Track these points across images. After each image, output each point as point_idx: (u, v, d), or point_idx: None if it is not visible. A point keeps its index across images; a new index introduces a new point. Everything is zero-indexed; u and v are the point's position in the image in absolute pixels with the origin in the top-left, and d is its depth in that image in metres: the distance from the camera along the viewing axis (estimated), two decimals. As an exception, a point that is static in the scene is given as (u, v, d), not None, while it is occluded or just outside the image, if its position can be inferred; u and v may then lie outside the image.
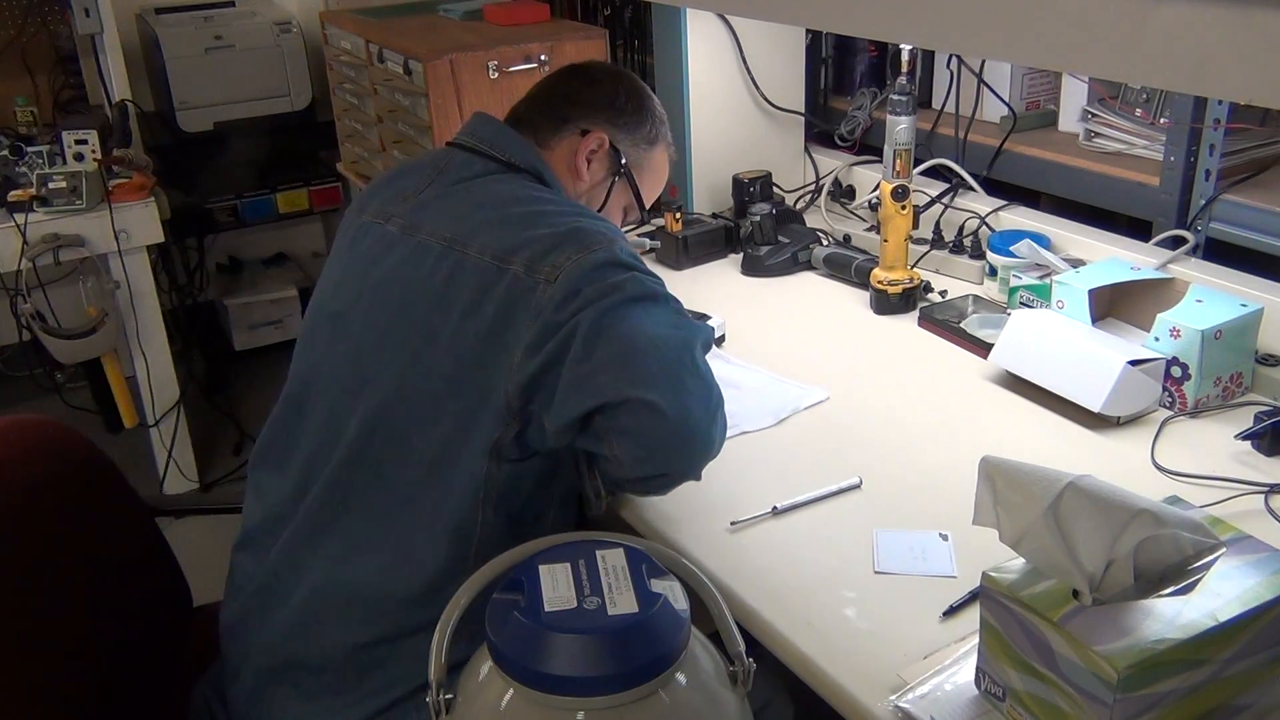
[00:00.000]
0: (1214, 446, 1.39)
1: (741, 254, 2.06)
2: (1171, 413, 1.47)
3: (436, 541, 1.22)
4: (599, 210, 1.45)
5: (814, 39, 2.35)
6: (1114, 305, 1.65)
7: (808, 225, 2.13)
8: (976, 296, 1.84)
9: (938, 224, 2.02)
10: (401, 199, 1.37)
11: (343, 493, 1.27)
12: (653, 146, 1.51)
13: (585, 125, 1.44)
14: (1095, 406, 1.44)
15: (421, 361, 1.24)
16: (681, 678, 0.96)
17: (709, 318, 1.76)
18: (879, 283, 1.84)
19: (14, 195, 2.54)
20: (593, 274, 1.19)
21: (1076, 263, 1.75)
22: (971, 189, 2.05)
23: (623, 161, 1.46)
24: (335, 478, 1.27)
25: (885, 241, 1.82)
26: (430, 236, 1.30)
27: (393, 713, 1.23)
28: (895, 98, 1.73)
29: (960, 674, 1.03)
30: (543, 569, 1.01)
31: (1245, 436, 1.36)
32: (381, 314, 1.29)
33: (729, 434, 1.46)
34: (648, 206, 1.55)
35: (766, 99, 2.26)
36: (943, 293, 1.88)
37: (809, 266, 2.04)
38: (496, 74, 2.20)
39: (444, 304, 1.24)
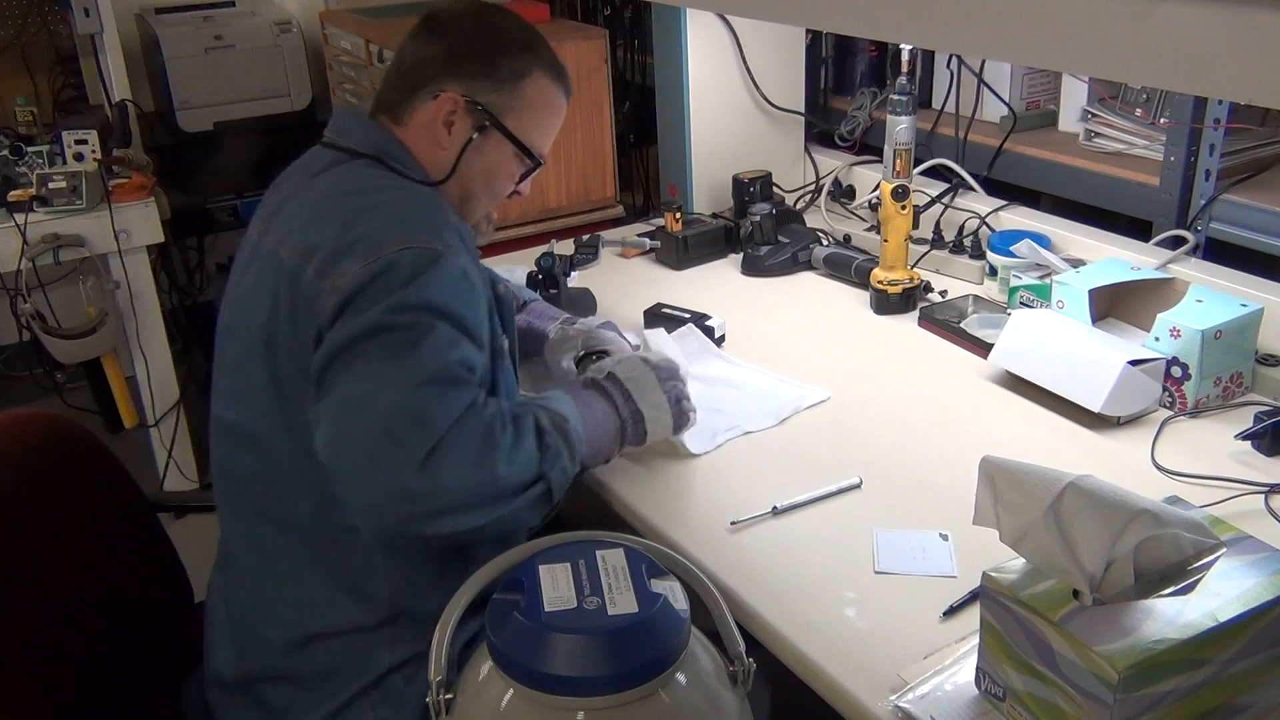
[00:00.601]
0: (1214, 446, 1.39)
1: (741, 254, 2.06)
2: (1171, 413, 1.47)
3: (328, 574, 1.23)
4: (475, 177, 1.35)
5: (814, 39, 2.35)
6: (1114, 305, 1.65)
7: (808, 225, 2.13)
8: (976, 296, 1.84)
9: (938, 224, 2.02)
10: (265, 207, 1.34)
11: (238, 521, 1.30)
12: (521, 81, 1.33)
13: (434, 88, 1.31)
14: (1095, 406, 1.44)
15: (276, 381, 1.22)
16: (681, 678, 0.96)
17: (709, 318, 1.76)
18: (879, 283, 1.84)
19: (14, 195, 2.53)
20: (358, 300, 1.14)
21: (1076, 263, 1.75)
22: (971, 189, 2.05)
23: (486, 115, 1.32)
24: (228, 508, 1.31)
25: (885, 241, 1.82)
26: (270, 243, 1.27)
27: (347, 713, 1.24)
28: (895, 98, 1.73)
29: (960, 674, 1.03)
30: (543, 569, 1.01)
31: (1245, 436, 1.36)
32: (240, 328, 1.27)
33: (729, 435, 1.47)
34: (540, 150, 1.39)
35: (766, 99, 2.26)
36: (943, 293, 1.88)
37: (809, 266, 2.03)
38: (496, 74, 2.20)
39: (274, 313, 1.21)
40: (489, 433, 1.14)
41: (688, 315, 1.77)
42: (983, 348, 1.65)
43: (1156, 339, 1.47)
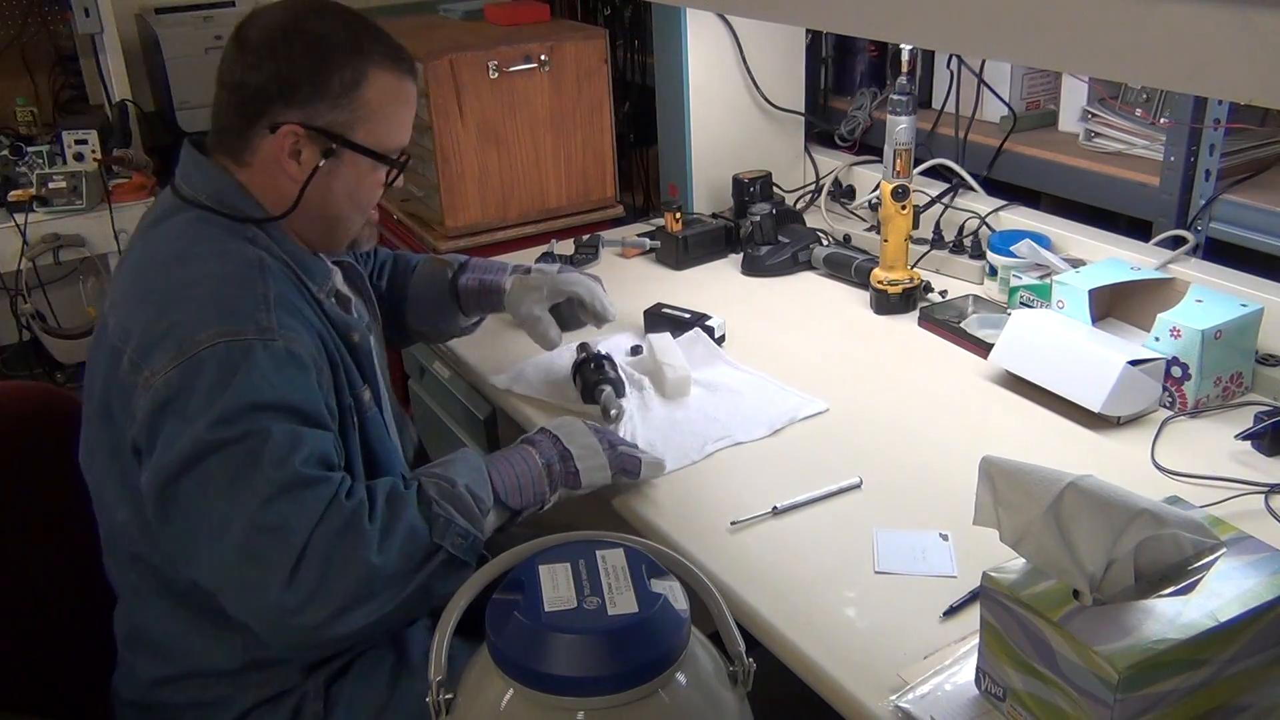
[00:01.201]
0: (1214, 446, 1.39)
1: (741, 254, 2.06)
2: (1171, 413, 1.47)
3: (190, 618, 1.22)
4: (338, 199, 1.26)
5: (814, 39, 2.35)
6: (1114, 305, 1.65)
7: (808, 225, 2.13)
8: (976, 296, 1.84)
9: (938, 224, 2.02)
10: (126, 248, 1.31)
11: (114, 559, 1.30)
12: (357, 89, 1.22)
13: (269, 120, 1.21)
14: (1095, 406, 1.43)
15: (114, 451, 1.19)
16: (681, 678, 0.96)
17: (709, 318, 1.76)
18: (879, 283, 1.84)
19: (14, 195, 2.54)
20: (174, 408, 1.10)
21: (1076, 263, 1.75)
22: (971, 189, 2.05)
23: (331, 137, 1.22)
24: (106, 545, 1.30)
25: (885, 241, 1.82)
26: (107, 304, 1.23)
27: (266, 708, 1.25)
28: (895, 98, 1.73)
29: (960, 674, 1.03)
30: (543, 569, 1.01)
31: (1245, 436, 1.36)
32: (89, 385, 1.23)
33: (719, 445, 1.46)
34: (400, 145, 1.29)
35: (766, 99, 2.26)
36: (943, 293, 1.88)
37: (809, 266, 2.03)
38: (496, 74, 2.20)
39: (107, 386, 1.18)
40: (352, 526, 1.11)
41: (688, 315, 1.77)
42: (983, 348, 1.65)
43: (1156, 339, 1.47)
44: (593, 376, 1.54)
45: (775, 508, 1.31)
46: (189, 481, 1.10)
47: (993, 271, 1.87)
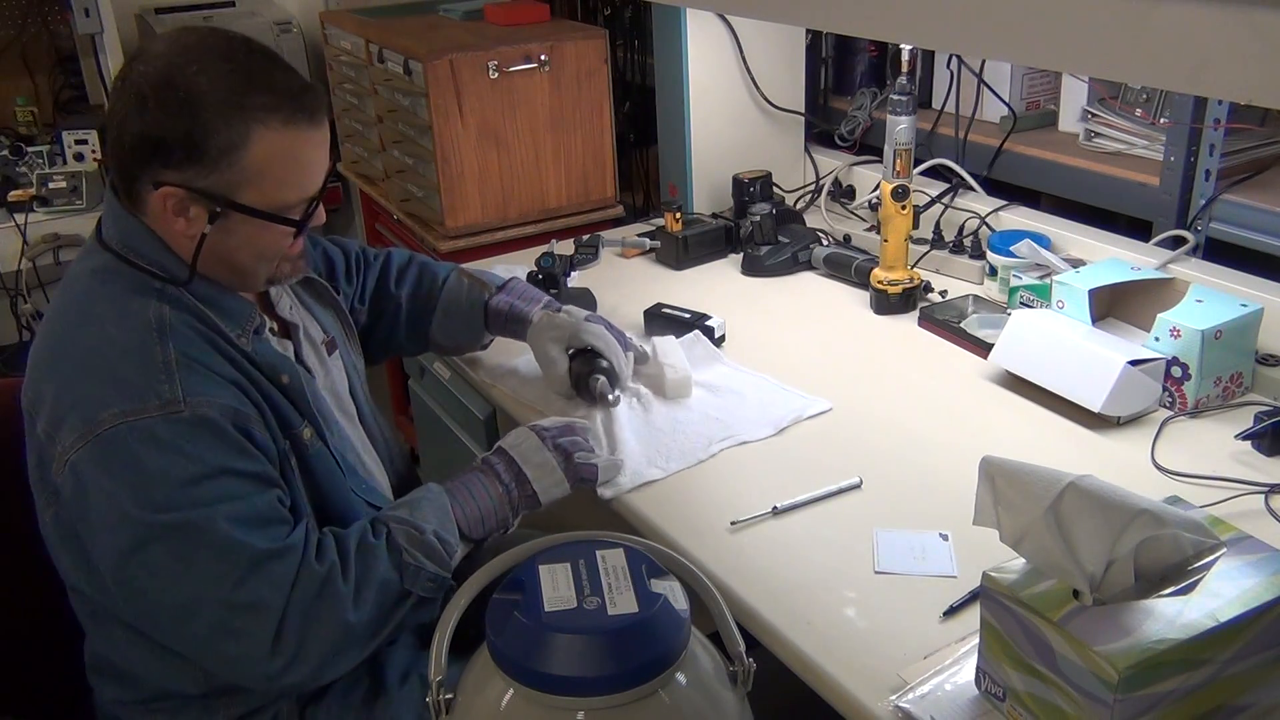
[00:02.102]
0: (1214, 446, 1.39)
1: (741, 254, 2.06)
2: (1171, 413, 1.47)
3: (152, 645, 1.21)
4: (238, 253, 1.18)
5: (814, 39, 2.35)
6: (1114, 305, 1.65)
7: (808, 225, 2.13)
8: (976, 296, 1.84)
9: (938, 224, 2.02)
10: None
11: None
12: (238, 153, 1.11)
13: (150, 178, 1.13)
14: (1095, 406, 1.44)
15: (46, 485, 1.18)
16: (681, 678, 0.96)
17: (709, 318, 1.76)
18: (879, 283, 1.84)
19: (14, 195, 2.54)
20: (97, 493, 1.09)
21: (1076, 263, 1.75)
22: (971, 189, 2.05)
23: (215, 200, 1.13)
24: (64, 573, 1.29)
25: (885, 241, 1.82)
26: (32, 353, 1.20)
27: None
28: (895, 98, 1.73)
29: (960, 674, 1.03)
30: (543, 569, 1.01)
31: (1245, 436, 1.36)
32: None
33: (724, 445, 1.46)
34: (302, 197, 1.18)
35: (766, 99, 2.26)
36: (943, 293, 1.88)
37: (809, 266, 2.03)
38: (496, 74, 2.20)
39: (31, 428, 1.17)
40: (327, 589, 1.12)
41: (688, 315, 1.77)
42: (983, 348, 1.65)
43: (1156, 339, 1.47)
44: (584, 368, 1.53)
45: (775, 508, 1.31)
46: (137, 567, 1.09)
47: (993, 271, 1.87)
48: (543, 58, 2.25)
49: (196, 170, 1.12)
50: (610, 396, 1.50)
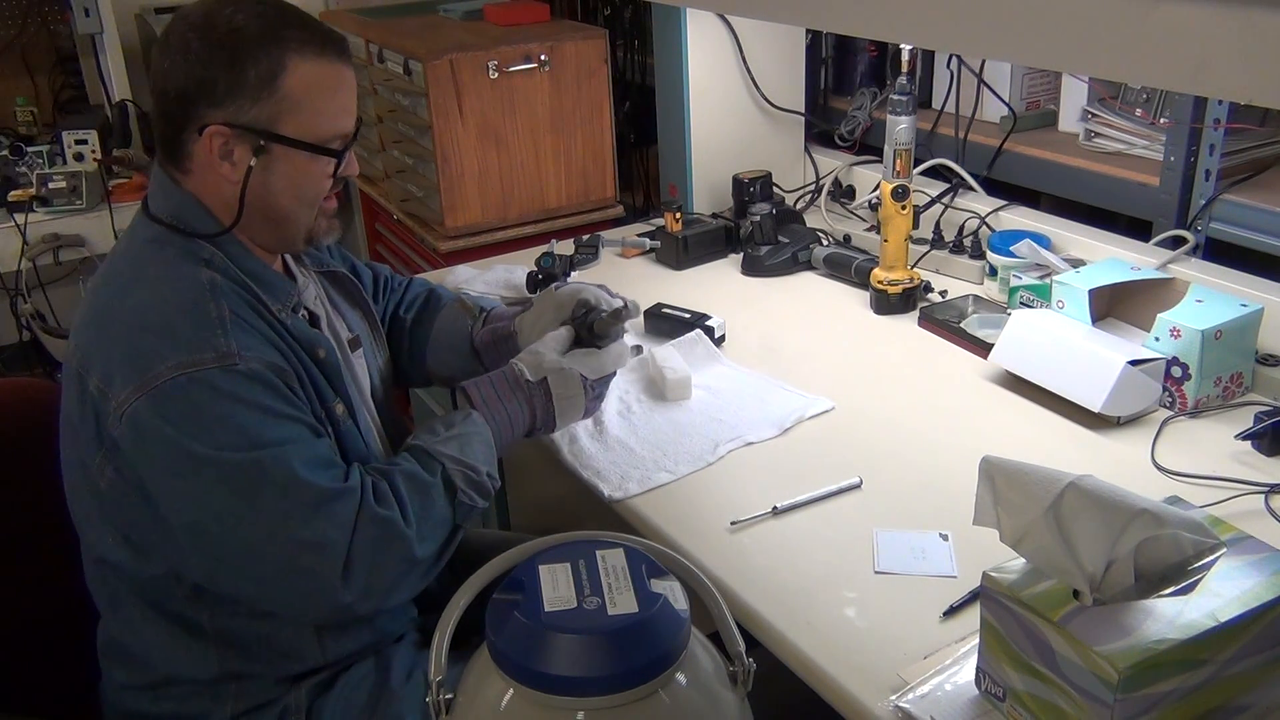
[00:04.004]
0: (1214, 446, 1.39)
1: (741, 254, 2.06)
2: (1171, 413, 1.47)
3: (167, 625, 1.24)
4: (280, 196, 1.23)
5: (814, 39, 2.35)
6: (1114, 305, 1.65)
7: (808, 225, 2.13)
8: (976, 296, 1.84)
9: (938, 224, 2.02)
10: None
11: (90, 565, 1.30)
12: (278, 80, 1.17)
13: (196, 123, 1.18)
14: (1095, 406, 1.44)
15: (83, 465, 1.20)
16: (681, 678, 0.96)
17: (709, 318, 1.76)
18: (879, 283, 1.84)
19: (14, 195, 2.54)
20: (146, 424, 1.10)
21: (1076, 263, 1.75)
22: (971, 189, 2.05)
23: (258, 134, 1.18)
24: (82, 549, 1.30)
25: (885, 241, 1.82)
26: (77, 317, 1.23)
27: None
28: (895, 98, 1.73)
29: (960, 674, 1.03)
30: (543, 569, 1.01)
31: (1245, 436, 1.36)
32: (64, 389, 1.23)
33: (731, 446, 1.45)
34: (339, 133, 1.24)
35: (766, 99, 2.26)
36: (943, 293, 1.88)
37: (809, 266, 2.03)
38: (496, 74, 2.20)
39: (70, 400, 1.19)
40: (390, 530, 1.16)
41: (688, 315, 1.77)
42: (983, 348, 1.65)
43: (1156, 339, 1.47)
44: (583, 324, 1.44)
45: (775, 508, 1.31)
46: (203, 509, 1.12)
47: (993, 271, 1.87)
48: (543, 58, 2.25)
49: (239, 105, 1.17)
50: (631, 346, 1.46)
